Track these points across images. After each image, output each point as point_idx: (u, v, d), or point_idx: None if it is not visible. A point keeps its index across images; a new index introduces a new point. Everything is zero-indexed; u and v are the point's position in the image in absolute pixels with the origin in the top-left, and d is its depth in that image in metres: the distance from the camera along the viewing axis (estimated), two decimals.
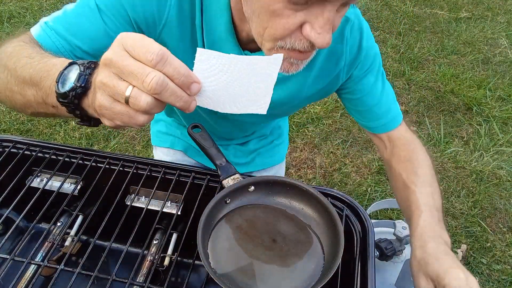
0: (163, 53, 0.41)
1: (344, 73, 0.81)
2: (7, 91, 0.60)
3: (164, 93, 0.42)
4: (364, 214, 0.76)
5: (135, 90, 0.41)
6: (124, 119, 0.44)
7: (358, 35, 0.78)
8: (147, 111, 0.43)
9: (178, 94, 0.43)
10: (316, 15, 0.53)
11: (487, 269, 1.90)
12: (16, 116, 2.47)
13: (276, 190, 0.75)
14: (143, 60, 0.41)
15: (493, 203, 2.18)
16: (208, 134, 0.82)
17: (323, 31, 0.53)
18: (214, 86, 0.48)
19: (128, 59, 0.41)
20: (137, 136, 2.43)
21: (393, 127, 0.87)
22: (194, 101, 0.46)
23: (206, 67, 0.47)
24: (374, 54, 0.82)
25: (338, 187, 2.22)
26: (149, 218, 0.74)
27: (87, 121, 0.52)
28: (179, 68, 0.42)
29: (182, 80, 0.43)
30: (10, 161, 0.80)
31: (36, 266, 0.75)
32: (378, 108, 0.85)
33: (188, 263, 0.87)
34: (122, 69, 0.42)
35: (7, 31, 3.15)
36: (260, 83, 0.50)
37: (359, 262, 0.70)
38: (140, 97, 0.41)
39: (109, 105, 0.44)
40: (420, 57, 3.15)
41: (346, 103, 0.90)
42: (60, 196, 0.76)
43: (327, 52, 0.77)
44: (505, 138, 2.54)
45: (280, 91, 0.81)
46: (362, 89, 0.83)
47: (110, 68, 0.43)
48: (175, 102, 0.44)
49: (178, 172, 0.81)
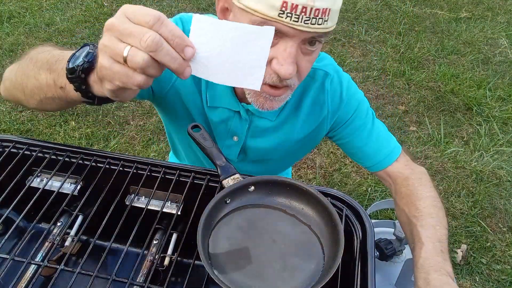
0: (160, 15, 0.44)
1: (328, 120, 0.93)
2: (23, 76, 0.66)
3: (160, 52, 0.44)
4: (364, 214, 0.76)
5: (133, 49, 0.44)
6: (122, 79, 0.47)
7: (339, 87, 0.91)
8: (144, 69, 0.45)
9: (173, 55, 0.46)
10: (281, 51, 0.66)
11: (487, 269, 1.89)
12: (16, 116, 2.47)
13: (276, 190, 0.75)
14: (141, 23, 0.44)
15: (493, 203, 2.18)
16: (208, 134, 0.82)
17: (286, 63, 0.66)
18: (208, 52, 0.50)
19: (128, 23, 0.45)
20: (137, 136, 2.43)
21: (388, 164, 0.92)
22: (188, 67, 0.48)
23: (201, 33, 0.49)
24: (357, 102, 0.92)
25: (338, 187, 2.22)
26: (149, 218, 0.74)
27: (91, 98, 0.55)
28: (174, 30, 0.45)
29: (177, 42, 0.45)
30: (10, 161, 0.80)
31: (36, 266, 0.75)
32: (368, 148, 0.92)
33: (188, 263, 0.87)
34: (122, 32, 0.45)
35: (7, 31, 3.15)
36: (252, 54, 0.50)
37: (359, 262, 0.70)
38: (137, 54, 0.44)
39: (109, 65, 0.47)
40: (420, 57, 3.15)
41: (342, 148, 0.99)
42: (60, 196, 0.76)
43: (311, 101, 0.91)
44: (505, 138, 2.54)
45: (273, 138, 0.94)
46: (350, 133, 0.93)
47: (112, 32, 0.46)
48: (169, 63, 0.46)
49: (178, 172, 0.81)
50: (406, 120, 2.64)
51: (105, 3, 3.53)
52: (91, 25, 3.25)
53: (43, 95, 0.64)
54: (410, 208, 0.81)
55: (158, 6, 3.51)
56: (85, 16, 3.35)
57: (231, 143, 0.95)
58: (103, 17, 3.34)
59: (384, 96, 2.83)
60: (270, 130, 0.93)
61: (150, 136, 2.43)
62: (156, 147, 2.36)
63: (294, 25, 0.62)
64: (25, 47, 3.00)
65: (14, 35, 3.11)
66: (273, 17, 0.62)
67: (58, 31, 3.18)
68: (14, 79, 0.69)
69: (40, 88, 0.63)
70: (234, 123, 0.91)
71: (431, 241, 0.72)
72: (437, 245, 0.72)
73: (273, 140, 0.95)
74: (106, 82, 0.49)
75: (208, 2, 3.60)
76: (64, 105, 0.65)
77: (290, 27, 0.63)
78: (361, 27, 3.45)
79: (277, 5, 0.61)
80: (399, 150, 0.94)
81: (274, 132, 0.94)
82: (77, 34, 3.17)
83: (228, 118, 0.91)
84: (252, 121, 0.91)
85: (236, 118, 0.91)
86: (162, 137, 2.44)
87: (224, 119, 0.91)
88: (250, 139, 0.95)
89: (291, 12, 0.61)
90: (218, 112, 0.91)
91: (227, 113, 0.90)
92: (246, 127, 0.92)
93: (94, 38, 3.12)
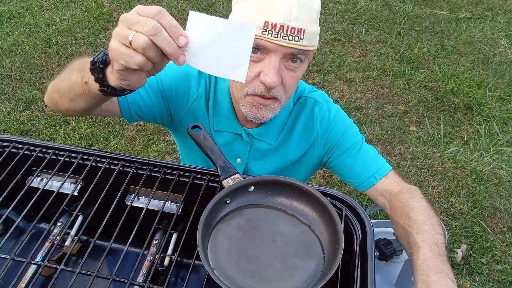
0: (161, 9, 0.55)
1: (318, 142, 1.03)
2: (60, 80, 0.78)
3: (158, 36, 0.54)
4: (364, 214, 0.76)
5: (137, 34, 0.54)
6: (126, 58, 0.56)
7: (327, 113, 1.02)
8: (144, 50, 0.54)
9: (169, 40, 0.55)
10: (266, 65, 0.80)
11: (487, 269, 1.90)
12: (16, 116, 2.47)
13: (276, 190, 0.75)
14: (147, 14, 0.55)
15: (493, 203, 2.18)
16: (208, 134, 0.82)
17: (270, 74, 0.79)
18: (199, 43, 0.58)
19: (136, 15, 0.56)
20: (137, 136, 2.43)
21: (376, 181, 0.97)
22: (183, 55, 0.57)
23: (194, 26, 0.57)
24: (345, 127, 1.02)
25: (338, 187, 2.22)
26: (149, 218, 0.74)
27: (106, 86, 0.64)
28: (171, 21, 0.55)
29: (173, 30, 0.55)
30: (10, 161, 0.80)
31: (36, 266, 0.75)
32: (356, 167, 1.00)
33: (188, 263, 0.87)
34: (131, 21, 0.55)
35: (7, 31, 3.15)
36: (237, 48, 0.59)
37: (359, 262, 0.70)
38: (139, 37, 0.54)
39: (117, 47, 0.56)
40: (420, 57, 3.15)
41: (334, 170, 1.07)
42: (60, 196, 0.76)
43: (303, 126, 1.03)
44: (505, 138, 2.54)
45: (272, 161, 1.05)
46: (339, 154, 1.02)
47: (124, 22, 0.56)
48: (166, 47, 0.55)
49: (178, 172, 0.81)
50: (406, 120, 2.64)
51: (105, 3, 3.53)
52: (91, 25, 3.26)
53: (73, 93, 0.74)
54: (404, 219, 0.82)
55: (158, 6, 3.51)
56: (85, 16, 3.35)
57: (235, 165, 1.05)
58: (103, 17, 3.34)
59: (384, 96, 2.83)
60: (269, 153, 1.04)
61: (150, 136, 2.43)
62: (156, 147, 2.36)
63: (275, 40, 0.77)
64: (25, 47, 3.00)
65: (14, 35, 3.11)
66: (257, 35, 0.77)
67: (58, 31, 3.18)
68: (54, 84, 0.82)
69: (71, 86, 0.74)
70: (237, 145, 1.03)
71: (428, 245, 0.73)
72: (434, 248, 0.72)
73: (272, 163, 1.06)
74: (114, 64, 0.59)
75: (208, 2, 3.60)
76: (88, 100, 0.73)
77: (271, 42, 0.77)
78: (361, 27, 3.45)
79: (260, 25, 0.77)
80: (388, 169, 0.99)
81: (272, 155, 1.05)
82: (77, 34, 3.17)
83: (232, 140, 1.02)
84: (253, 144, 1.03)
85: (239, 140, 1.02)
86: (162, 137, 2.44)
87: (228, 142, 1.03)
88: (251, 161, 1.05)
89: (272, 29, 0.76)
90: (223, 135, 1.02)
91: (231, 136, 1.02)
92: (247, 149, 1.03)
93: (94, 38, 3.12)
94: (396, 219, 0.86)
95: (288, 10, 0.76)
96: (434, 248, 0.72)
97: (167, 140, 2.42)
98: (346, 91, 2.84)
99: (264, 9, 0.77)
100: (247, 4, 0.80)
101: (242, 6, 0.82)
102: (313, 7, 0.80)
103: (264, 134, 1.01)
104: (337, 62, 3.06)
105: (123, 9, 3.43)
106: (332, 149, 1.03)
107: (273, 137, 1.02)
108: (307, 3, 0.79)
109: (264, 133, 1.01)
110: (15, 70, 2.81)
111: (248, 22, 0.75)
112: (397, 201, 0.89)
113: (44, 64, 2.87)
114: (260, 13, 0.77)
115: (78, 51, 2.99)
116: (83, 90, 0.71)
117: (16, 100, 2.58)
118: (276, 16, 0.76)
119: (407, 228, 0.79)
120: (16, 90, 2.65)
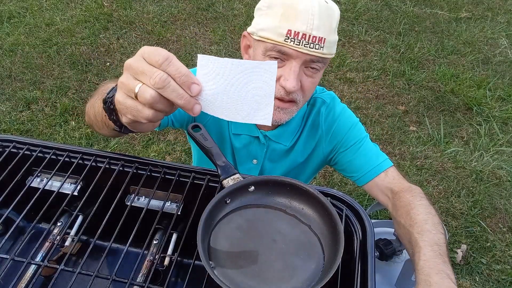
0: (168, 55, 0.49)
1: (323, 139, 1.06)
2: (90, 106, 0.79)
3: (167, 88, 0.49)
4: (364, 214, 0.76)
5: (143, 86, 0.50)
6: (133, 113, 0.52)
7: (332, 110, 1.05)
8: (152, 105, 0.50)
9: (180, 92, 0.50)
10: (287, 70, 0.84)
11: (487, 269, 1.90)
12: (16, 116, 2.47)
13: (276, 190, 0.74)
14: (153, 62, 0.49)
15: (493, 203, 2.18)
16: (208, 134, 0.82)
17: (290, 78, 0.84)
18: (214, 89, 0.52)
19: (142, 63, 0.50)
20: (137, 136, 2.43)
21: (375, 174, 0.99)
22: (198, 104, 0.52)
23: (206, 71, 0.51)
24: (351, 123, 1.04)
25: (338, 187, 2.22)
26: (149, 218, 0.74)
27: (119, 126, 0.62)
28: (180, 68, 0.49)
29: (183, 79, 0.50)
30: (10, 161, 0.80)
31: (36, 266, 0.75)
32: (357, 160, 1.01)
33: (188, 263, 0.87)
34: (136, 70, 0.50)
35: (7, 31, 3.15)
36: (258, 89, 0.53)
37: (359, 262, 0.70)
38: (146, 91, 0.50)
39: (123, 100, 0.53)
40: (420, 57, 3.15)
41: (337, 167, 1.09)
42: (60, 196, 0.76)
43: (310, 124, 1.06)
44: (505, 138, 2.54)
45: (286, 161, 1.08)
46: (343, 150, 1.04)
47: (129, 71, 0.52)
48: (176, 99, 0.50)
49: (178, 172, 0.81)
50: (406, 120, 2.64)
51: (105, 3, 3.53)
52: (91, 25, 3.26)
53: (97, 122, 0.74)
54: (405, 218, 0.83)
55: (158, 6, 3.51)
56: (85, 16, 3.35)
57: (251, 166, 1.09)
58: (103, 17, 3.34)
59: (384, 96, 2.83)
60: (284, 154, 1.08)
61: (150, 136, 2.43)
62: (156, 147, 2.36)
63: (297, 48, 0.81)
64: (25, 47, 3.00)
65: (14, 35, 3.11)
66: (281, 41, 0.81)
67: (58, 31, 3.18)
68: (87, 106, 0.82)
69: (95, 115, 0.74)
70: (254, 147, 1.07)
71: (429, 245, 0.73)
72: (435, 248, 0.72)
73: (286, 163, 1.09)
74: (122, 115, 0.56)
75: (208, 2, 3.60)
76: (110, 131, 0.72)
77: (293, 49, 0.81)
78: (361, 27, 3.45)
79: (283, 33, 0.81)
80: (389, 164, 1.00)
81: (287, 156, 1.09)
82: (77, 34, 3.17)
83: (249, 143, 1.06)
84: (269, 146, 1.06)
85: (256, 142, 1.06)
86: (162, 137, 2.44)
87: (245, 144, 1.07)
88: (267, 162, 1.09)
89: (294, 37, 0.80)
90: (240, 138, 1.06)
91: (248, 139, 1.06)
92: (264, 150, 1.07)
93: (94, 38, 3.12)
94: (397, 218, 0.86)
95: (311, 20, 0.79)
96: (435, 248, 0.72)
97: (167, 140, 2.42)
98: (346, 91, 2.84)
99: (288, 17, 0.80)
100: (271, 12, 0.83)
101: (267, 13, 0.84)
102: (334, 17, 0.84)
103: (281, 136, 1.05)
104: (337, 62, 3.06)
105: (123, 9, 3.43)
106: (337, 146, 1.06)
107: (289, 139, 1.06)
108: (329, 12, 0.83)
109: (281, 135, 1.04)
110: (15, 70, 2.81)
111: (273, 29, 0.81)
112: (398, 200, 0.89)
113: (44, 64, 2.87)
114: (284, 21, 0.81)
115: (78, 51, 2.99)
116: (105, 121, 0.69)
117: (16, 100, 2.58)
118: (299, 25, 0.79)
119: (408, 228, 0.80)
120: (16, 90, 2.65)
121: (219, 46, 3.15)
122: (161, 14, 3.43)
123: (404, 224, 0.82)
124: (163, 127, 1.02)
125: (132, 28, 3.26)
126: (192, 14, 3.47)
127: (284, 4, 0.82)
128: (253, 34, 0.87)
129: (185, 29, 3.30)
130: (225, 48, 3.13)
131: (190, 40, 3.19)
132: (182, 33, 3.26)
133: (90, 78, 2.78)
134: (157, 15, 3.41)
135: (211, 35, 3.26)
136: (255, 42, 0.88)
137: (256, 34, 0.86)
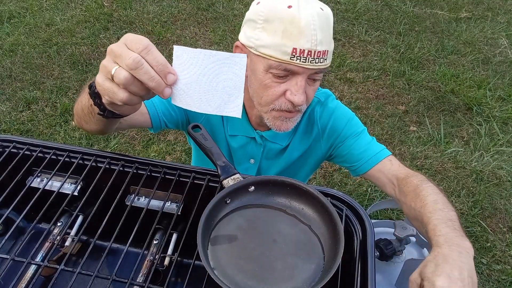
0: (148, 44, 0.51)
1: (320, 136, 1.07)
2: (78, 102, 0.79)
3: (139, 70, 0.51)
4: (364, 214, 0.76)
5: (119, 68, 0.52)
6: (110, 94, 0.54)
7: (327, 108, 1.07)
8: (126, 86, 0.52)
9: (151, 74, 0.52)
10: (293, 84, 0.85)
11: (487, 269, 1.89)
12: (16, 116, 2.47)
13: (276, 190, 0.75)
14: (133, 49, 0.51)
15: (493, 203, 2.18)
16: (208, 134, 0.82)
17: (298, 93, 0.85)
18: (187, 79, 0.54)
19: (122, 47, 0.52)
20: (137, 136, 2.43)
21: (376, 162, 0.99)
22: (168, 88, 0.54)
23: (181, 61, 0.53)
24: (347, 118, 1.05)
25: (338, 187, 2.22)
26: (149, 218, 0.74)
27: (103, 110, 0.63)
28: (158, 58, 0.52)
29: (160, 68, 0.52)
30: (10, 161, 0.80)
31: (36, 266, 0.75)
32: (356, 150, 1.02)
33: (188, 263, 0.87)
34: (115, 54, 0.52)
35: (7, 31, 3.15)
36: (228, 81, 0.54)
37: (359, 262, 0.70)
38: (120, 72, 0.51)
39: (102, 82, 0.55)
40: (420, 57, 3.15)
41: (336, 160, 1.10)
42: (60, 196, 0.76)
43: (305, 122, 1.07)
44: (505, 138, 2.54)
45: (282, 159, 1.10)
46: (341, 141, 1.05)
47: (110, 55, 0.54)
48: (148, 81, 0.52)
49: (178, 172, 0.81)
50: (406, 120, 2.64)
51: (105, 3, 3.53)
52: (91, 25, 3.26)
53: (84, 115, 0.75)
54: (416, 201, 0.83)
55: (158, 6, 3.51)
56: (85, 16, 3.35)
57: (249, 166, 1.11)
58: (103, 17, 3.34)
59: (384, 96, 2.83)
60: (281, 152, 1.10)
61: (150, 136, 2.43)
62: (156, 147, 2.36)
63: (303, 65, 0.81)
64: (25, 47, 3.00)
65: (14, 35, 3.11)
66: (286, 60, 0.81)
67: (58, 31, 3.18)
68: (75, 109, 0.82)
69: (82, 109, 0.75)
70: (251, 147, 1.08)
71: (443, 221, 0.74)
72: (449, 223, 0.73)
73: (282, 161, 1.11)
74: (102, 97, 0.58)
75: (208, 2, 3.60)
76: (97, 123, 0.74)
77: (300, 66, 0.81)
78: (361, 27, 3.45)
79: (289, 51, 0.80)
80: (388, 153, 1.01)
81: (283, 154, 1.10)
82: (77, 34, 3.17)
83: (246, 143, 1.07)
84: (265, 145, 1.08)
85: (253, 143, 1.07)
86: (162, 137, 2.44)
87: (242, 145, 1.08)
88: (264, 161, 1.10)
89: (300, 55, 0.80)
90: (237, 139, 1.07)
91: (244, 139, 1.07)
92: (261, 150, 1.08)
93: (94, 38, 3.12)
94: (408, 203, 0.87)
95: (314, 36, 0.79)
96: (449, 224, 0.73)
97: (167, 140, 2.42)
98: (346, 91, 2.84)
99: (291, 35, 0.79)
100: (270, 27, 0.81)
101: (264, 28, 0.82)
102: (331, 25, 0.84)
103: (276, 136, 1.06)
104: (337, 62, 3.06)
105: (123, 9, 3.43)
106: (335, 142, 1.07)
107: (284, 138, 1.07)
108: (327, 22, 0.83)
109: (276, 135, 1.05)
110: (15, 70, 2.81)
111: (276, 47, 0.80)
112: (406, 186, 0.90)
113: (44, 64, 2.87)
114: (287, 39, 0.79)
115: (78, 51, 2.99)
116: (90, 111, 0.71)
117: (16, 100, 2.59)
118: (304, 42, 0.79)
119: (420, 209, 0.80)
120: (16, 90, 2.65)
121: (219, 46, 3.15)
122: (161, 14, 3.43)
123: (414, 207, 0.83)
124: (158, 130, 1.02)
125: (132, 28, 3.26)
126: (192, 14, 3.47)
127: (283, 19, 0.79)
128: (251, 48, 0.85)
129: (185, 29, 3.30)
130: (225, 48, 3.13)
131: (190, 40, 3.19)
132: (182, 33, 3.26)
133: (90, 78, 2.78)
134: (157, 15, 3.41)
135: (211, 35, 3.26)
136: (254, 56, 0.86)
137: (255, 49, 0.84)
